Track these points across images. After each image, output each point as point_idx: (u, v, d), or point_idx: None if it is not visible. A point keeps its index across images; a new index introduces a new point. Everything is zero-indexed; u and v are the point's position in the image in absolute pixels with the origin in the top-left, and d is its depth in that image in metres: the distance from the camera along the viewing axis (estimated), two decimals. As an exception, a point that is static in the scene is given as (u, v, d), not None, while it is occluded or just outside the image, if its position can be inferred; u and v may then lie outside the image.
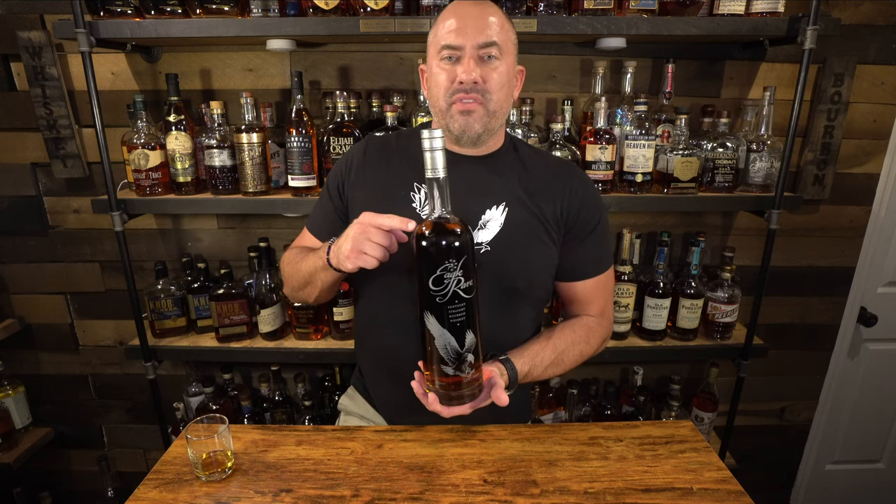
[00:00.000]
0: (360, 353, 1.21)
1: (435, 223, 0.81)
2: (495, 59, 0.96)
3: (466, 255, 0.80)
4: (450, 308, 0.81)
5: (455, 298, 0.80)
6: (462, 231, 0.81)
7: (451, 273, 0.79)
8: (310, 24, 1.37)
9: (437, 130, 0.79)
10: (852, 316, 1.95)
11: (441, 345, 0.82)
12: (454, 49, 0.95)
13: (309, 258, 1.05)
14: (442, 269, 0.79)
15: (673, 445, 1.00)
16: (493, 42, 0.95)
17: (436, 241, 0.80)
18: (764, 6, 1.40)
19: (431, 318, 0.82)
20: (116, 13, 1.40)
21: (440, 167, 0.80)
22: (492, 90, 0.96)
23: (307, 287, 1.08)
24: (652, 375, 1.97)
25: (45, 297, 1.90)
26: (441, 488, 0.89)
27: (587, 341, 1.11)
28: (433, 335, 0.82)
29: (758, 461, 2.12)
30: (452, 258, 0.79)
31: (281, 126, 1.62)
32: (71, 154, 1.70)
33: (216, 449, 0.93)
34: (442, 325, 0.82)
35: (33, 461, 1.91)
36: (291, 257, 1.13)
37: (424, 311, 0.83)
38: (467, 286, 0.81)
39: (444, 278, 0.79)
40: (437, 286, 0.80)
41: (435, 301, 0.80)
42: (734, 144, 1.55)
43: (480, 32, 0.94)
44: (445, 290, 0.80)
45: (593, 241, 1.09)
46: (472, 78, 0.94)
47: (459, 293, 0.81)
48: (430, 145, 0.79)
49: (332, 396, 1.81)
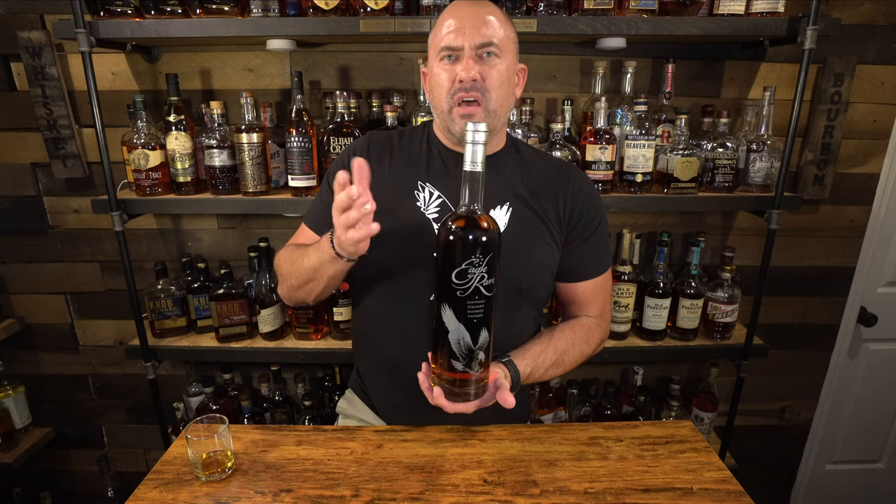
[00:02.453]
0: (359, 356, 1.21)
1: (466, 216, 0.80)
2: (494, 58, 0.96)
3: (493, 252, 0.80)
4: (469, 303, 0.81)
5: (476, 294, 0.80)
6: (492, 228, 0.80)
7: (476, 268, 0.79)
8: (310, 24, 1.37)
9: (482, 124, 0.77)
10: (852, 316, 1.95)
11: (455, 339, 0.82)
12: (453, 50, 0.96)
13: (310, 253, 0.99)
14: (467, 263, 0.79)
15: (673, 445, 1.00)
16: (490, 42, 0.95)
17: (464, 235, 0.79)
18: (764, 6, 1.40)
19: (449, 312, 0.82)
20: (116, 13, 1.40)
21: (479, 161, 0.79)
22: (491, 88, 0.96)
23: (309, 283, 1.02)
24: (652, 375, 1.97)
25: (45, 297, 1.90)
26: (441, 488, 0.89)
27: (587, 342, 1.11)
28: (448, 329, 0.82)
29: (758, 461, 2.12)
30: (479, 253, 0.79)
31: (281, 126, 1.62)
32: (71, 154, 1.70)
33: (216, 449, 0.93)
34: (459, 320, 0.82)
35: (33, 461, 1.91)
36: (288, 255, 1.08)
37: (442, 304, 0.82)
38: (489, 283, 0.81)
39: (469, 273, 0.79)
40: (460, 280, 0.79)
41: (455, 294, 0.80)
42: (734, 144, 1.55)
43: (478, 32, 0.94)
44: (468, 284, 0.79)
45: (594, 242, 1.10)
46: (472, 76, 0.94)
47: (481, 289, 0.80)
48: (472, 138, 0.78)
49: (332, 396, 1.81)
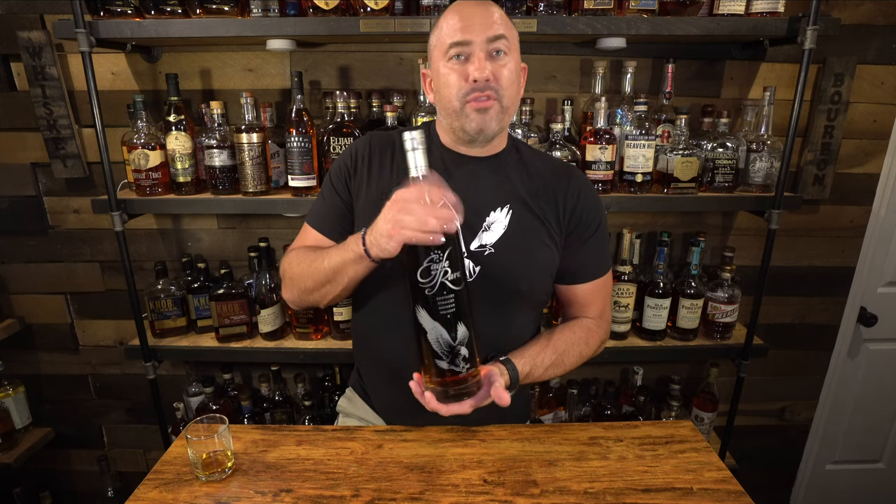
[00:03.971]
0: (359, 356, 1.21)
1: None
2: (504, 55, 0.95)
3: (452, 246, 0.82)
4: (439, 300, 0.82)
5: (443, 290, 0.82)
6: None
7: (437, 264, 0.81)
8: (310, 24, 1.37)
9: (417, 130, 0.82)
10: (852, 316, 1.95)
11: (433, 338, 0.84)
12: (463, 45, 0.93)
13: (331, 254, 0.96)
14: (428, 261, 0.81)
15: (673, 445, 1.00)
16: (501, 35, 0.93)
17: None
18: (764, 6, 1.40)
19: (423, 312, 0.84)
20: (116, 13, 1.40)
21: (422, 165, 0.83)
22: (504, 86, 0.95)
23: (326, 286, 0.99)
24: (652, 375, 1.97)
25: (45, 297, 1.90)
26: (441, 488, 0.89)
27: (586, 343, 1.11)
28: (426, 329, 0.84)
29: (758, 461, 2.12)
30: (437, 249, 0.81)
31: (281, 126, 1.62)
32: (71, 154, 1.70)
33: (216, 449, 0.93)
34: (433, 318, 0.83)
35: (33, 461, 1.91)
36: (301, 257, 1.03)
37: (416, 306, 0.84)
38: (455, 277, 0.83)
39: (431, 270, 0.81)
40: (424, 278, 0.82)
41: (424, 293, 0.82)
42: (734, 144, 1.55)
43: (488, 27, 0.93)
44: (433, 281, 0.82)
45: (594, 243, 1.09)
46: (486, 75, 0.92)
47: (447, 284, 0.82)
48: (411, 146, 0.82)
49: (332, 396, 1.81)
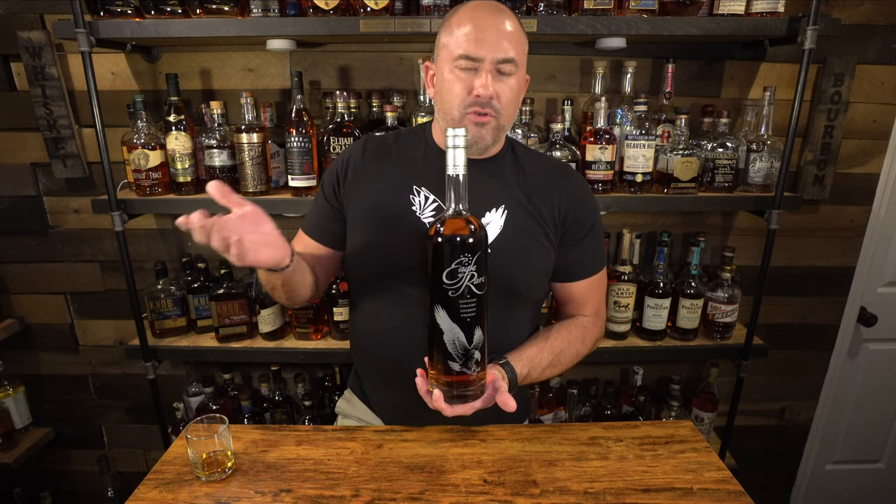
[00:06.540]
0: (358, 356, 1.20)
1: (452, 218, 0.83)
2: (510, 76, 0.96)
3: (481, 251, 0.82)
4: (461, 303, 0.82)
5: (468, 293, 0.82)
6: (478, 228, 0.83)
7: (466, 267, 0.81)
8: (310, 24, 1.37)
9: (462, 129, 0.80)
10: (852, 316, 1.95)
11: (450, 339, 0.84)
12: (473, 60, 0.94)
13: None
14: (457, 263, 0.80)
15: (673, 445, 1.00)
16: (511, 59, 0.94)
17: (452, 235, 0.81)
18: (764, 6, 1.40)
19: (442, 313, 0.83)
20: (116, 13, 1.39)
21: (461, 164, 0.81)
22: (504, 105, 0.97)
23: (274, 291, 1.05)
24: (652, 375, 1.97)
25: (45, 297, 1.90)
26: (441, 488, 0.89)
27: (583, 341, 1.11)
28: (443, 329, 0.84)
29: (758, 461, 2.12)
30: (468, 252, 0.81)
31: (281, 126, 1.62)
32: (71, 154, 1.70)
33: (216, 449, 0.93)
34: (452, 320, 0.83)
35: (33, 461, 1.91)
36: None
37: (435, 306, 0.84)
38: (480, 282, 0.82)
39: (459, 272, 0.81)
40: (450, 280, 0.81)
41: (447, 295, 0.82)
42: (734, 144, 1.55)
43: (499, 47, 0.93)
44: (459, 284, 0.81)
45: (589, 241, 1.10)
46: (489, 93, 0.94)
47: (472, 288, 0.82)
48: (453, 143, 0.80)
49: (332, 396, 1.81)
